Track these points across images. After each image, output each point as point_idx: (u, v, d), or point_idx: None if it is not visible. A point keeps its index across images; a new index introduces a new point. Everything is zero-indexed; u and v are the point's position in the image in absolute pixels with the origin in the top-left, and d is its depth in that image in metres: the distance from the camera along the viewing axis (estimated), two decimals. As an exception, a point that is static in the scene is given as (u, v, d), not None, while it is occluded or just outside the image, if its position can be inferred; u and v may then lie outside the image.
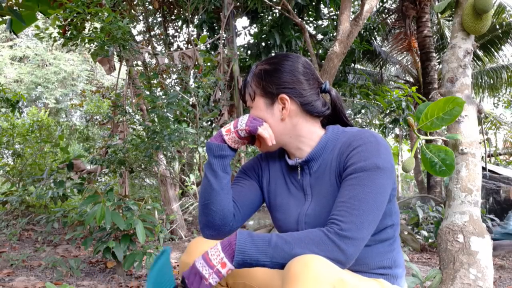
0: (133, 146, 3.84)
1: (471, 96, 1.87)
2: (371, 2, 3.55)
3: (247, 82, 1.15)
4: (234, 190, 1.20)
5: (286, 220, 1.12)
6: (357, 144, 1.01)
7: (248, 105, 1.16)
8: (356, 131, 1.06)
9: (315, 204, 1.07)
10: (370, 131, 1.04)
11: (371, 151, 0.99)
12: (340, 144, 1.06)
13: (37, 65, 15.63)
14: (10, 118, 6.37)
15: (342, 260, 0.91)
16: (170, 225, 4.24)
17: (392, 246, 1.07)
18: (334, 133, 1.10)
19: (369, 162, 0.97)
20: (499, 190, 5.48)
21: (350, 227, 0.92)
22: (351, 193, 0.96)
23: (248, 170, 1.24)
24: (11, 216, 4.85)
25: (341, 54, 3.56)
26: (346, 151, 1.02)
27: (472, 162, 1.77)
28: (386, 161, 0.99)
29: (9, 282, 2.49)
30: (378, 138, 1.02)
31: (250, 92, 1.14)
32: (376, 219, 0.96)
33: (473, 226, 1.68)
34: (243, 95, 1.18)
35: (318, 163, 1.09)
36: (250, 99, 1.14)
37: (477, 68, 9.58)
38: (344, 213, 0.94)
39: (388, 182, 0.99)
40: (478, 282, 1.57)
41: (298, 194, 1.13)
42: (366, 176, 0.97)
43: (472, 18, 1.85)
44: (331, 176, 1.06)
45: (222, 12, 5.42)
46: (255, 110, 1.12)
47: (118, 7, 4.98)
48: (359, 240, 0.93)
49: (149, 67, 6.45)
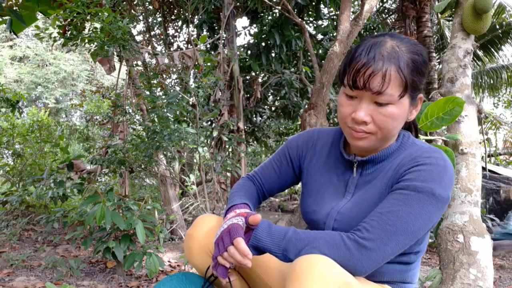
0: (133, 146, 3.84)
1: (471, 96, 1.87)
2: (371, 2, 3.55)
3: (392, 68, 0.89)
4: (267, 170, 1.21)
5: (317, 209, 1.08)
6: (423, 161, 0.92)
7: (380, 100, 0.91)
8: (427, 148, 0.97)
9: (353, 205, 1.01)
10: (441, 152, 0.95)
11: (434, 174, 0.89)
12: (404, 155, 0.98)
13: (37, 65, 15.63)
14: (10, 118, 6.36)
15: (351, 269, 0.87)
16: (170, 225, 4.24)
17: (409, 266, 1.03)
18: (404, 142, 1.02)
19: (427, 186, 0.89)
20: (499, 190, 5.48)
21: (374, 238, 0.87)
22: (392, 208, 0.89)
23: (290, 150, 1.19)
24: (11, 216, 4.85)
25: (341, 54, 3.56)
26: (407, 164, 0.94)
27: (472, 162, 1.77)
28: (444, 191, 0.89)
29: (9, 282, 2.49)
30: (447, 164, 0.92)
31: (398, 84, 0.90)
32: (406, 243, 0.89)
33: (473, 226, 1.68)
34: (380, 81, 0.89)
35: (375, 167, 1.02)
36: (394, 95, 0.91)
37: (477, 68, 9.58)
38: (375, 224, 0.89)
39: (437, 214, 0.90)
40: (478, 282, 1.57)
41: (339, 187, 1.07)
42: (416, 198, 0.89)
43: (472, 18, 1.85)
44: (382, 184, 0.99)
45: (222, 12, 5.42)
46: (396, 108, 0.92)
47: (118, 7, 4.98)
48: (378, 256, 0.88)
49: (149, 67, 6.45)
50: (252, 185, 1.21)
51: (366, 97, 0.92)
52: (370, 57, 0.90)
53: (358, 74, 0.90)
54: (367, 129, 0.93)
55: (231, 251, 0.92)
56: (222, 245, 0.95)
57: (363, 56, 0.91)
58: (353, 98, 0.94)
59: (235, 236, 0.93)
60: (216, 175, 4.28)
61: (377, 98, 0.91)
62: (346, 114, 0.96)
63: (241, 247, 0.91)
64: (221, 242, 0.95)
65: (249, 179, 1.24)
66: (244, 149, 5.06)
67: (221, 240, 0.95)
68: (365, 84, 0.90)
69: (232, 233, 0.94)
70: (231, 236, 0.93)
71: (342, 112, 0.97)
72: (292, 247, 0.92)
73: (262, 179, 1.22)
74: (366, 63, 0.90)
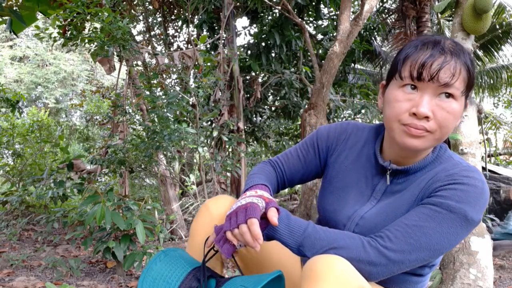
0: (133, 146, 3.84)
1: (471, 96, 1.87)
2: (371, 2, 3.55)
3: (459, 63, 0.87)
4: (292, 158, 1.14)
5: (338, 208, 1.04)
6: (460, 180, 0.87)
7: (447, 91, 0.87)
8: (465, 166, 0.92)
9: (378, 212, 0.97)
10: (480, 172, 0.90)
11: (470, 196, 0.86)
12: (440, 169, 0.94)
13: (37, 65, 15.63)
14: (10, 118, 6.37)
15: (366, 274, 0.85)
16: (170, 225, 4.24)
17: (420, 278, 1.01)
18: (440, 155, 0.98)
19: (460, 207, 0.85)
20: (499, 190, 5.47)
21: (396, 249, 0.85)
22: (420, 222, 0.86)
23: (319, 139, 1.12)
24: (11, 216, 4.85)
25: (341, 54, 3.56)
26: (443, 180, 0.90)
27: (472, 162, 1.78)
28: (476, 215, 0.86)
29: (9, 282, 2.49)
30: (485, 187, 0.89)
31: (463, 79, 0.88)
32: (426, 259, 0.87)
33: (473, 226, 1.68)
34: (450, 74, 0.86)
35: (407, 177, 0.98)
36: (459, 90, 0.88)
37: (477, 68, 9.58)
38: (399, 235, 0.86)
39: (464, 235, 0.88)
40: (478, 282, 1.57)
41: (365, 190, 1.03)
42: (448, 218, 0.85)
43: (472, 18, 1.85)
44: (412, 196, 0.94)
45: (222, 12, 5.42)
46: (458, 105, 0.89)
47: (118, 7, 4.98)
48: (396, 268, 0.86)
49: (149, 67, 6.45)
50: (272, 171, 1.13)
51: (430, 90, 0.87)
52: (437, 49, 0.87)
53: (424, 65, 0.86)
54: (428, 126, 0.87)
55: (242, 229, 0.86)
56: (235, 221, 0.88)
57: (428, 49, 0.87)
58: (412, 91, 0.88)
59: (251, 215, 0.86)
60: (216, 175, 4.28)
61: (443, 89, 0.86)
62: (403, 110, 0.88)
63: (254, 229, 0.85)
64: (234, 217, 0.89)
65: (270, 165, 1.15)
66: (244, 149, 5.06)
67: (235, 215, 0.89)
68: (433, 76, 0.85)
69: (248, 212, 0.87)
70: (247, 214, 0.87)
71: (397, 108, 0.89)
72: (310, 245, 0.88)
73: (285, 166, 1.14)
74: (433, 54, 0.86)
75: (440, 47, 0.87)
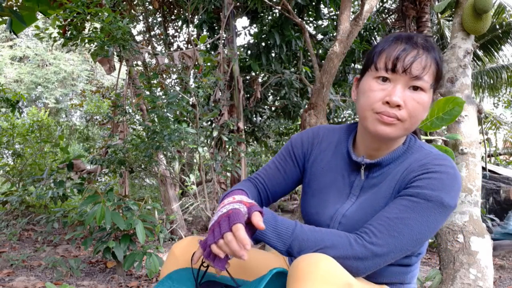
0: (133, 146, 3.84)
1: (471, 96, 1.87)
2: (371, 2, 3.54)
3: (430, 58, 0.93)
4: (270, 171, 1.14)
5: (320, 211, 1.06)
6: (433, 169, 0.92)
7: (417, 84, 0.92)
8: (436, 154, 0.97)
9: (358, 209, 1.00)
10: (451, 159, 0.95)
11: (444, 184, 0.90)
12: (412, 159, 0.98)
13: (37, 65, 15.64)
14: (10, 118, 6.37)
15: (353, 270, 0.88)
16: (170, 225, 4.24)
17: (408, 269, 1.03)
18: (411, 145, 1.02)
19: (437, 195, 0.89)
20: (499, 190, 5.48)
21: (381, 244, 0.88)
22: (400, 214, 0.90)
23: (295, 147, 1.14)
24: (11, 216, 4.85)
25: (341, 54, 3.55)
26: (417, 170, 0.94)
27: (472, 162, 1.77)
28: (452, 201, 0.90)
29: (9, 282, 2.49)
30: (457, 172, 0.93)
31: (432, 73, 0.94)
32: (410, 250, 0.91)
33: (473, 226, 1.68)
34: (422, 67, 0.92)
35: (381, 170, 1.01)
36: (428, 83, 0.93)
37: (477, 68, 9.58)
38: (383, 229, 0.89)
39: (442, 221, 0.92)
40: (478, 282, 1.57)
41: (343, 189, 1.05)
42: (426, 207, 0.89)
43: (472, 18, 1.85)
44: (389, 188, 0.98)
45: (222, 12, 5.42)
46: (427, 97, 0.94)
47: (118, 7, 4.98)
48: (382, 261, 0.89)
49: (149, 67, 6.45)
50: (252, 186, 1.13)
51: (402, 82, 0.92)
52: (410, 44, 0.92)
53: (399, 58, 0.91)
54: (399, 114, 0.92)
55: (228, 238, 0.83)
56: (218, 231, 0.85)
57: (402, 43, 0.93)
58: (386, 82, 0.93)
59: (235, 221, 0.84)
60: (216, 175, 4.28)
61: (414, 82, 0.92)
62: (377, 98, 0.93)
63: (240, 235, 0.82)
64: (217, 228, 0.86)
65: (250, 181, 1.15)
66: (244, 149, 5.06)
67: (218, 225, 0.86)
68: (406, 68, 0.90)
69: (232, 218, 0.85)
70: (230, 221, 0.84)
71: (372, 97, 0.94)
72: (298, 246, 0.89)
73: (265, 180, 1.14)
74: (406, 48, 0.92)
75: (413, 42, 0.93)
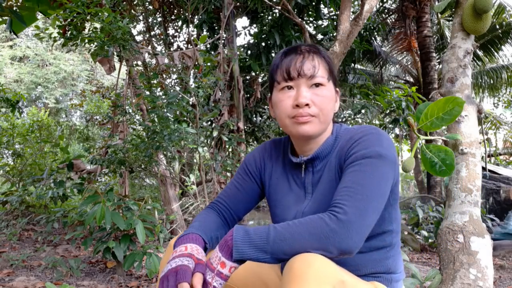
0: (133, 146, 3.84)
1: (471, 96, 1.87)
2: (371, 2, 3.55)
3: (316, 57, 1.06)
4: (231, 191, 1.21)
5: (285, 217, 1.11)
6: (358, 136, 1.01)
7: (315, 81, 1.04)
8: (359, 127, 1.07)
9: (313, 203, 1.06)
10: (373, 126, 1.05)
11: (372, 140, 0.99)
12: (343, 140, 1.07)
13: (37, 65, 15.64)
14: (10, 118, 6.37)
15: (341, 247, 0.88)
16: (170, 225, 4.24)
17: (388, 254, 1.05)
18: (338, 132, 1.11)
19: (371, 150, 0.97)
20: (499, 190, 5.48)
21: (354, 211, 0.89)
22: (353, 179, 0.95)
23: (249, 165, 1.23)
24: (11, 216, 4.85)
25: (341, 54, 3.56)
26: (347, 145, 1.03)
27: (472, 162, 1.77)
28: (388, 151, 0.98)
29: (9, 282, 2.49)
30: (380, 131, 1.02)
31: (324, 69, 1.06)
32: (379, 206, 0.94)
33: (473, 226, 1.68)
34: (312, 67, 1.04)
35: (322, 162, 1.09)
36: (324, 77, 1.05)
37: (477, 68, 9.58)
38: (347, 198, 0.92)
39: (390, 171, 0.97)
40: (478, 282, 1.57)
41: (299, 191, 1.12)
42: (369, 163, 0.96)
43: (472, 18, 1.85)
44: (331, 173, 1.05)
45: (222, 12, 5.42)
46: (328, 90, 1.05)
47: (118, 7, 4.98)
48: (363, 227, 0.90)
49: (149, 67, 6.45)
50: (213, 214, 1.18)
51: (303, 84, 1.03)
52: (295, 53, 1.05)
53: (290, 66, 1.04)
54: (311, 111, 1.02)
55: None
56: (166, 285, 0.90)
57: (291, 55, 1.05)
58: (290, 90, 1.04)
59: (181, 280, 0.88)
60: (216, 175, 4.28)
61: (312, 80, 1.03)
62: (288, 105, 1.04)
63: None
64: (166, 282, 0.91)
65: (212, 208, 1.21)
66: (244, 149, 5.06)
67: (167, 279, 0.91)
68: (299, 71, 1.03)
69: (178, 276, 0.89)
70: (177, 279, 0.89)
71: (283, 106, 1.05)
72: (280, 249, 0.89)
73: (227, 202, 1.21)
74: (293, 58, 1.04)
75: (298, 51, 1.06)
